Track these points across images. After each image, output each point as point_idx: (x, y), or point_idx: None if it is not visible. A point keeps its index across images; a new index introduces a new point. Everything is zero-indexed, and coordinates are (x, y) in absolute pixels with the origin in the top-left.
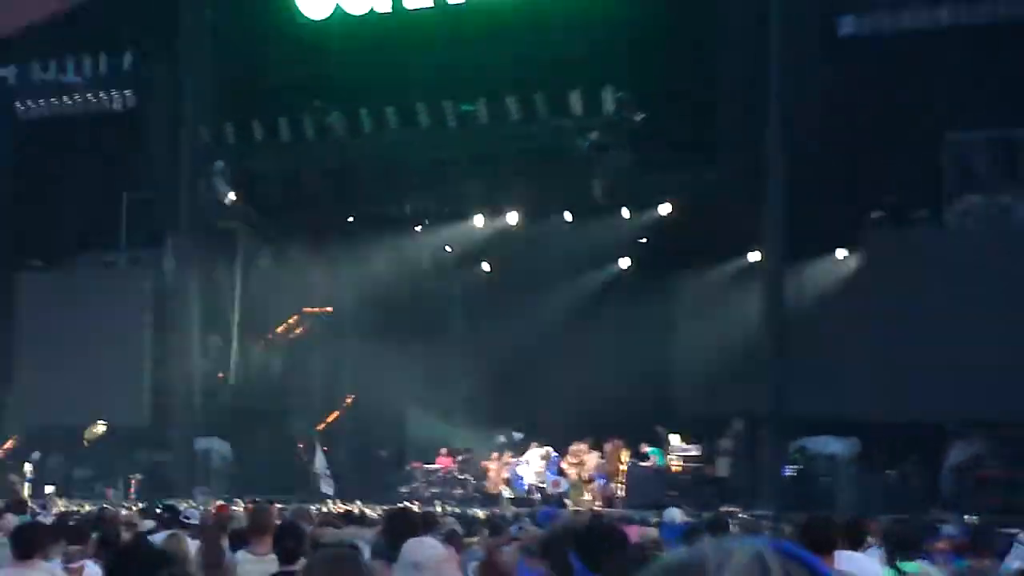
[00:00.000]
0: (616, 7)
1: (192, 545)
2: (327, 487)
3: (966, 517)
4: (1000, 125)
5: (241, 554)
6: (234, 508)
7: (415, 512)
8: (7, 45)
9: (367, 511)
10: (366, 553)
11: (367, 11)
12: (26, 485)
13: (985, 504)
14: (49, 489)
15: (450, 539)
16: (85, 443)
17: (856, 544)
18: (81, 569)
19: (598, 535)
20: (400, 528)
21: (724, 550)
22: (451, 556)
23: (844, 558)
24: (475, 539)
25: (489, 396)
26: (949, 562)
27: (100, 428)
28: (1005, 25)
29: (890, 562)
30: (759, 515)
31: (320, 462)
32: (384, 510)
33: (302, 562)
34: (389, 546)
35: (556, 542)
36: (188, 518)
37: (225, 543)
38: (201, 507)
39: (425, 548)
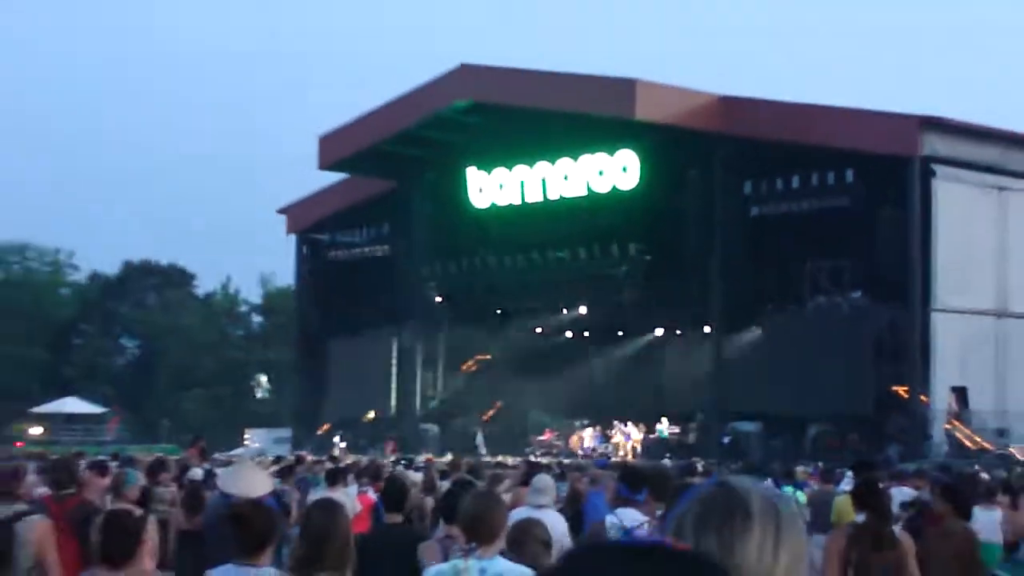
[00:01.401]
0: (635, 204)
1: (417, 476)
2: (482, 451)
3: (819, 464)
4: (834, 258)
5: (446, 483)
6: (440, 459)
7: (536, 462)
8: (324, 223)
9: (508, 461)
10: (508, 483)
11: (508, 204)
12: (337, 448)
13: (828, 456)
14: (343, 446)
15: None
16: (362, 421)
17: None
18: (367, 492)
19: (631, 471)
20: (531, 470)
21: (745, 484)
22: (554, 485)
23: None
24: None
25: (569, 401)
26: (808, 486)
27: (371, 415)
28: (837, 208)
29: (776, 486)
30: (711, 462)
31: (480, 438)
32: (521, 461)
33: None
34: (525, 479)
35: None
36: (417, 464)
37: (435, 476)
38: (422, 458)
39: (544, 479)
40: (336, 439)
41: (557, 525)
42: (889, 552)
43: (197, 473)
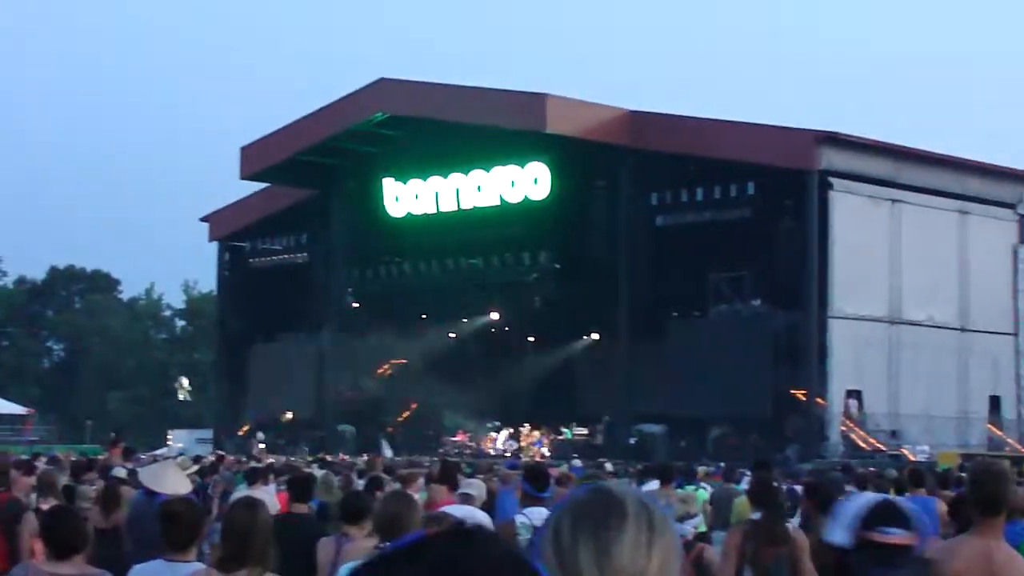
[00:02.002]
0: (546, 214)
1: (335, 479)
2: (388, 452)
3: (721, 464)
4: (736, 267)
5: (362, 482)
6: (356, 459)
7: (449, 463)
8: (246, 231)
9: (424, 461)
10: (420, 482)
11: (423, 213)
12: (256, 448)
13: (729, 456)
14: (262, 447)
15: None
16: (281, 422)
17: (669, 477)
18: (284, 490)
19: (536, 470)
20: (446, 468)
21: (619, 487)
22: (483, 487)
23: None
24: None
25: (482, 404)
26: (712, 486)
27: (289, 416)
28: (739, 219)
29: (679, 486)
30: (617, 463)
31: (386, 444)
32: (435, 460)
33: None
34: (442, 477)
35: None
36: (334, 464)
37: (354, 476)
38: (339, 458)
39: (475, 483)
40: (258, 438)
41: (483, 519)
42: (782, 547)
43: (120, 472)
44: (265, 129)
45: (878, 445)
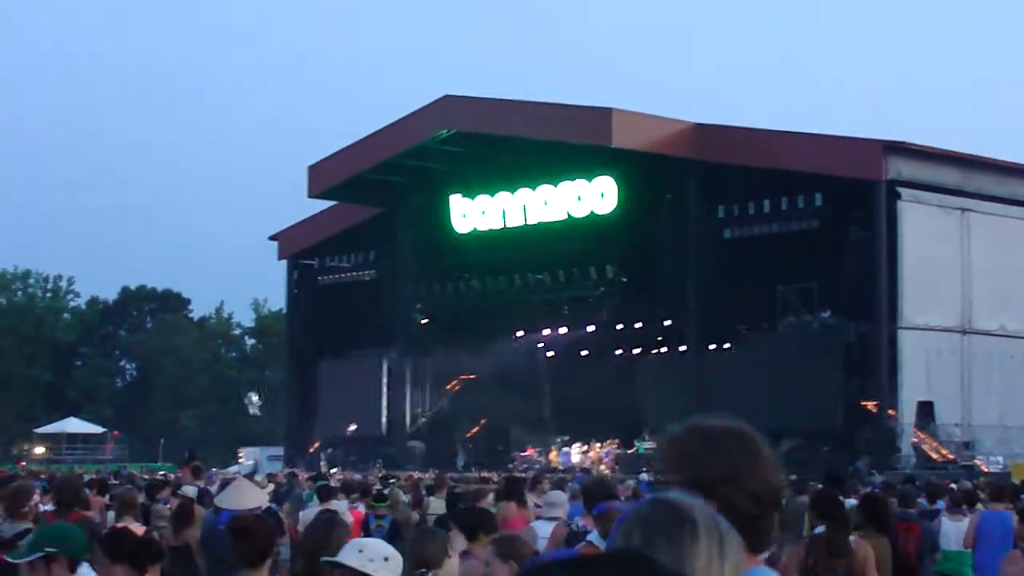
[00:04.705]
0: (612, 228)
1: (405, 496)
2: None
3: (793, 476)
4: (804, 278)
5: (432, 499)
6: (423, 476)
7: (514, 478)
8: (314, 249)
9: (493, 476)
10: (490, 498)
11: (489, 229)
12: (324, 464)
13: (800, 469)
14: (335, 468)
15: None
16: (347, 433)
17: None
18: (357, 507)
19: (589, 488)
20: (510, 485)
21: (684, 498)
22: (566, 500)
23: None
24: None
25: (551, 418)
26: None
27: (352, 427)
28: (806, 230)
29: None
30: None
31: (460, 456)
32: (503, 476)
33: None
34: (508, 493)
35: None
36: (401, 481)
37: (422, 492)
38: (403, 476)
39: (557, 495)
40: (325, 456)
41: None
42: (842, 559)
43: (190, 491)
44: (332, 147)
45: (950, 456)
